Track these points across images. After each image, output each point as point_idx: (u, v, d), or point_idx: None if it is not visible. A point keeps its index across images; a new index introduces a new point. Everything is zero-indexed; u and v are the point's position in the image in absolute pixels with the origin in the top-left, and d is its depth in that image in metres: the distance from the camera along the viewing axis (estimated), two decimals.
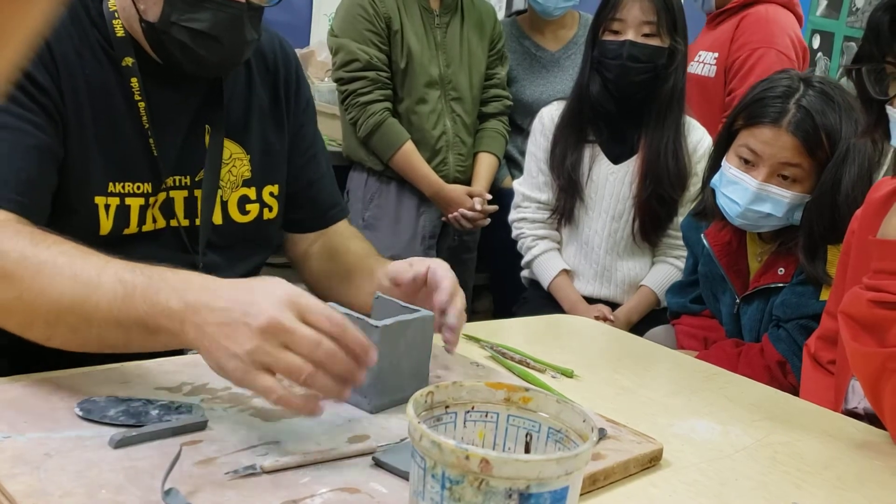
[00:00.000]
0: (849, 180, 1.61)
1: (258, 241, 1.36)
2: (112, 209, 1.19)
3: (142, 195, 1.21)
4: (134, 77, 1.20)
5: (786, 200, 1.67)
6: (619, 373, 1.31)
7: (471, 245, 2.76)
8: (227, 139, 1.30)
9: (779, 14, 2.72)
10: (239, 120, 1.31)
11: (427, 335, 1.05)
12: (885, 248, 1.12)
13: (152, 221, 1.24)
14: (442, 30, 2.53)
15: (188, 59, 1.19)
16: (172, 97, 1.25)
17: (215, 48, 1.18)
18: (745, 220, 1.72)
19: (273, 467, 0.83)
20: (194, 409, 0.93)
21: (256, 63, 1.34)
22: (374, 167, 2.54)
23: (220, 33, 1.17)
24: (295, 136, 1.40)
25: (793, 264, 1.72)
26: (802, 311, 1.69)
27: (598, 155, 2.26)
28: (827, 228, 1.63)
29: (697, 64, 2.74)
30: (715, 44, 2.74)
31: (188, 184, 1.26)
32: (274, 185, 1.36)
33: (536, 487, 0.65)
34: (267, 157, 1.35)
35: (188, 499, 0.76)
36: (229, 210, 1.31)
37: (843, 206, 1.59)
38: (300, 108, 1.41)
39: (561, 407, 0.78)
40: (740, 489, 0.95)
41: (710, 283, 1.90)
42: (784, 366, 1.71)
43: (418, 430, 0.68)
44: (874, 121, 1.21)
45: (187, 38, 1.16)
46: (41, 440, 0.84)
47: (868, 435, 1.17)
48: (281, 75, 1.37)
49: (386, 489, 0.82)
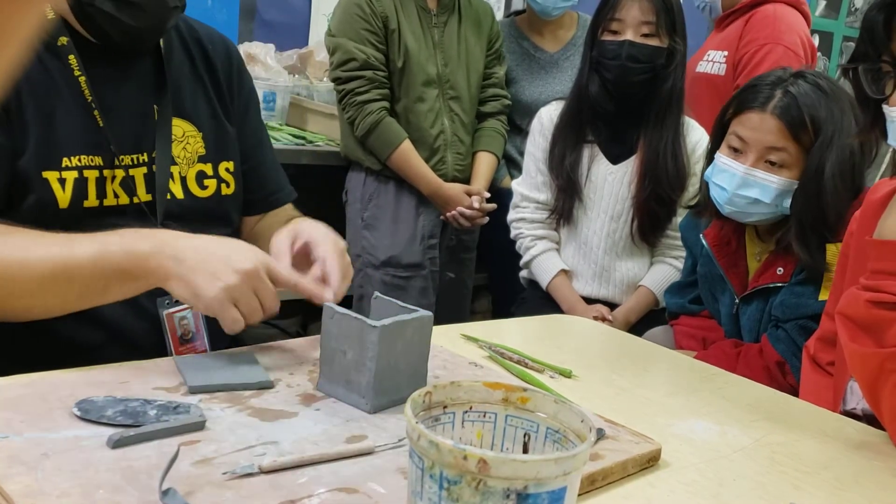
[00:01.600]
0: (832, 166, 1.61)
1: (218, 216, 1.40)
2: (69, 182, 1.22)
3: (95, 167, 1.25)
4: (71, 54, 1.24)
5: (773, 186, 1.67)
6: (617, 373, 1.31)
7: (470, 245, 2.76)
8: (179, 118, 1.35)
9: (787, 12, 2.74)
10: (187, 101, 1.37)
11: (425, 335, 1.04)
12: (882, 248, 1.12)
13: (114, 197, 1.27)
14: (439, 29, 2.53)
15: (115, 29, 1.23)
16: (114, 75, 1.29)
17: (139, 15, 1.23)
18: (733, 207, 1.72)
19: (271, 467, 0.83)
20: (192, 409, 0.93)
21: (199, 55, 1.41)
22: (373, 167, 2.53)
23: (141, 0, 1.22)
24: (241, 122, 1.45)
25: (792, 264, 1.72)
26: (802, 311, 1.69)
27: (596, 155, 2.26)
28: (816, 217, 1.63)
29: (707, 63, 2.75)
30: (723, 42, 2.74)
31: (146, 160, 1.31)
32: (229, 162, 1.41)
33: (534, 487, 0.65)
34: (219, 135, 1.40)
35: (186, 499, 0.75)
36: (188, 185, 1.35)
37: (828, 193, 1.60)
38: (244, 95, 1.47)
39: (559, 407, 0.78)
40: (738, 489, 0.95)
41: (709, 284, 1.90)
42: (783, 366, 1.70)
43: (416, 430, 0.68)
44: (871, 120, 1.21)
45: (111, 7, 1.21)
46: (38, 440, 0.84)
47: (866, 435, 1.17)
48: (220, 65, 1.43)
49: (384, 489, 0.82)
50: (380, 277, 2.54)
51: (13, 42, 0.36)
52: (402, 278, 2.55)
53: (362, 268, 2.57)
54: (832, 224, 1.61)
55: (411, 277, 2.55)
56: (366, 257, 2.56)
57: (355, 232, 2.59)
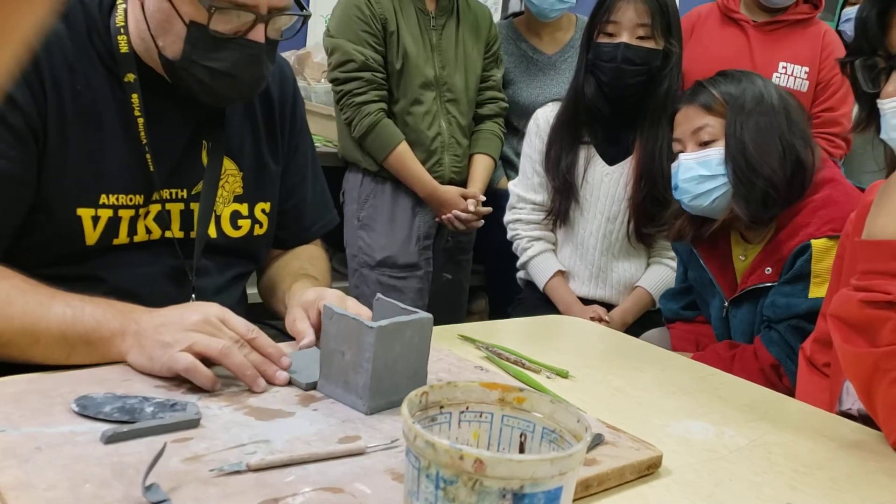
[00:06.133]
0: (750, 127, 1.74)
1: (246, 254, 1.39)
2: (102, 221, 1.20)
3: (133, 207, 1.23)
4: (135, 93, 1.21)
5: (710, 158, 1.76)
6: (613, 373, 1.31)
7: (466, 246, 2.76)
8: (224, 156, 1.32)
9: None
10: (234, 137, 1.33)
11: (425, 337, 1.04)
12: (873, 248, 1.13)
13: (146, 232, 1.25)
14: (438, 31, 2.53)
15: (205, 93, 1.21)
16: (174, 115, 1.26)
17: (234, 84, 1.20)
18: (683, 196, 1.80)
19: (259, 465, 0.83)
20: (189, 406, 0.93)
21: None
22: (370, 168, 2.54)
23: (240, 72, 1.19)
24: (290, 157, 1.43)
25: (780, 263, 1.72)
26: (792, 310, 1.69)
27: (593, 156, 2.27)
28: (746, 171, 1.73)
29: (785, 76, 2.71)
30: (799, 56, 2.71)
31: (184, 196, 1.28)
32: (266, 203, 1.39)
33: (530, 487, 0.66)
34: (259, 175, 1.37)
35: (169, 494, 0.76)
36: (222, 224, 1.33)
37: (751, 148, 1.73)
38: (296, 128, 1.44)
39: (555, 407, 0.78)
40: (735, 490, 0.95)
41: (700, 288, 1.92)
42: (778, 368, 1.71)
43: (412, 430, 0.68)
44: (867, 115, 1.21)
45: (206, 76, 1.18)
46: (34, 434, 0.85)
47: (862, 435, 1.18)
48: (277, 98, 1.40)
49: (370, 489, 0.82)
50: (375, 277, 2.55)
51: (11, 43, 0.37)
52: (398, 279, 2.55)
53: (358, 268, 2.58)
54: (767, 177, 1.71)
55: (407, 278, 2.56)
56: (361, 257, 2.57)
57: (352, 232, 2.60)
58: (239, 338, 1.02)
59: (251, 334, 1.04)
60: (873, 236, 1.14)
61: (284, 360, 1.05)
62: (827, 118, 2.70)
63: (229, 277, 1.36)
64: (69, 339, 1.04)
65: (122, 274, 1.22)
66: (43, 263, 1.17)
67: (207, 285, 1.30)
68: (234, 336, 1.02)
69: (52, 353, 1.04)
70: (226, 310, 1.05)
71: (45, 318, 1.04)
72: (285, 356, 1.05)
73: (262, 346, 1.04)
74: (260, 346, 1.04)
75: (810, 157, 1.74)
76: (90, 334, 1.04)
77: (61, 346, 1.04)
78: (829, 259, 1.62)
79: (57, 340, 1.04)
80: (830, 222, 1.67)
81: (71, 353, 1.05)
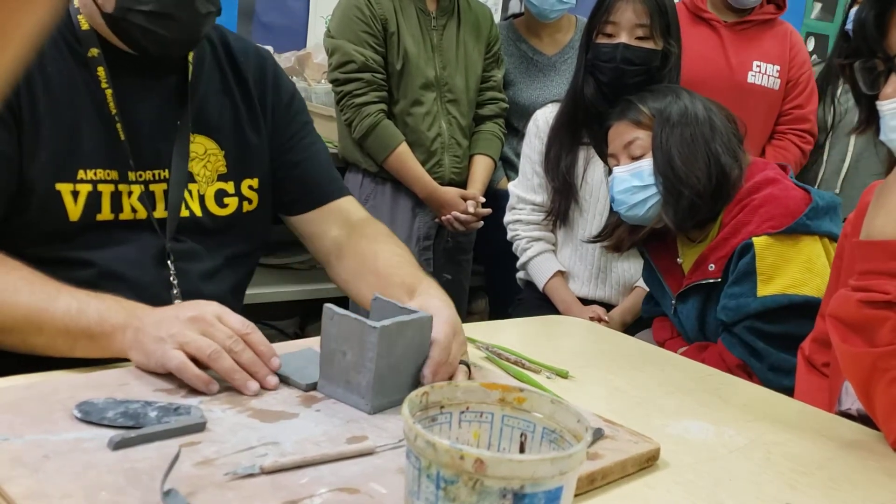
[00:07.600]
0: (675, 136, 1.80)
1: (237, 232, 1.40)
2: (82, 195, 1.23)
3: (111, 181, 1.25)
4: (100, 66, 1.25)
5: (641, 170, 1.82)
6: (613, 373, 1.32)
7: (466, 246, 2.76)
8: (203, 136, 1.35)
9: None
10: (213, 118, 1.36)
11: (426, 336, 1.05)
12: (871, 248, 1.13)
13: (131, 211, 1.28)
14: (438, 32, 2.53)
15: (150, 41, 1.24)
16: (141, 88, 1.30)
17: (173, 25, 1.23)
18: (620, 207, 1.86)
19: (272, 468, 0.83)
20: (193, 410, 0.93)
21: (230, 69, 1.40)
22: (370, 168, 2.54)
23: (173, 10, 1.22)
24: (275, 131, 1.44)
25: (722, 260, 1.75)
26: (743, 311, 1.72)
27: (592, 157, 2.27)
28: (672, 180, 1.78)
29: (760, 75, 2.78)
30: (769, 55, 2.78)
31: (166, 177, 1.31)
32: (253, 179, 1.40)
33: (531, 487, 0.66)
34: (243, 152, 1.39)
35: (188, 499, 0.76)
36: (207, 203, 1.36)
37: (676, 157, 1.79)
38: (280, 103, 1.45)
39: (555, 407, 0.78)
40: (734, 489, 0.95)
41: (651, 287, 2.00)
42: (746, 368, 1.73)
43: (413, 430, 0.68)
44: (866, 117, 1.22)
45: (144, 20, 1.22)
46: (39, 442, 0.84)
47: (861, 435, 1.18)
48: (252, 77, 1.42)
49: (385, 489, 0.83)
50: None
51: (14, 41, 0.37)
52: None
53: None
54: (692, 186, 1.76)
55: None
56: None
57: None
58: (234, 334, 1.03)
59: (245, 329, 1.05)
60: (871, 236, 1.14)
61: (274, 360, 1.05)
62: (798, 115, 2.81)
63: (221, 261, 1.37)
64: (72, 331, 1.06)
65: (109, 255, 1.25)
66: (31, 243, 1.20)
67: (194, 269, 1.32)
68: (229, 333, 1.03)
69: (55, 343, 1.07)
70: (224, 308, 1.06)
71: (51, 308, 1.06)
72: (275, 357, 1.06)
73: (255, 343, 1.05)
74: (253, 342, 1.05)
75: (734, 166, 1.80)
76: (93, 328, 1.06)
77: (64, 337, 1.06)
78: (772, 256, 1.69)
79: (60, 331, 1.06)
80: (770, 220, 1.71)
81: (73, 345, 1.07)
